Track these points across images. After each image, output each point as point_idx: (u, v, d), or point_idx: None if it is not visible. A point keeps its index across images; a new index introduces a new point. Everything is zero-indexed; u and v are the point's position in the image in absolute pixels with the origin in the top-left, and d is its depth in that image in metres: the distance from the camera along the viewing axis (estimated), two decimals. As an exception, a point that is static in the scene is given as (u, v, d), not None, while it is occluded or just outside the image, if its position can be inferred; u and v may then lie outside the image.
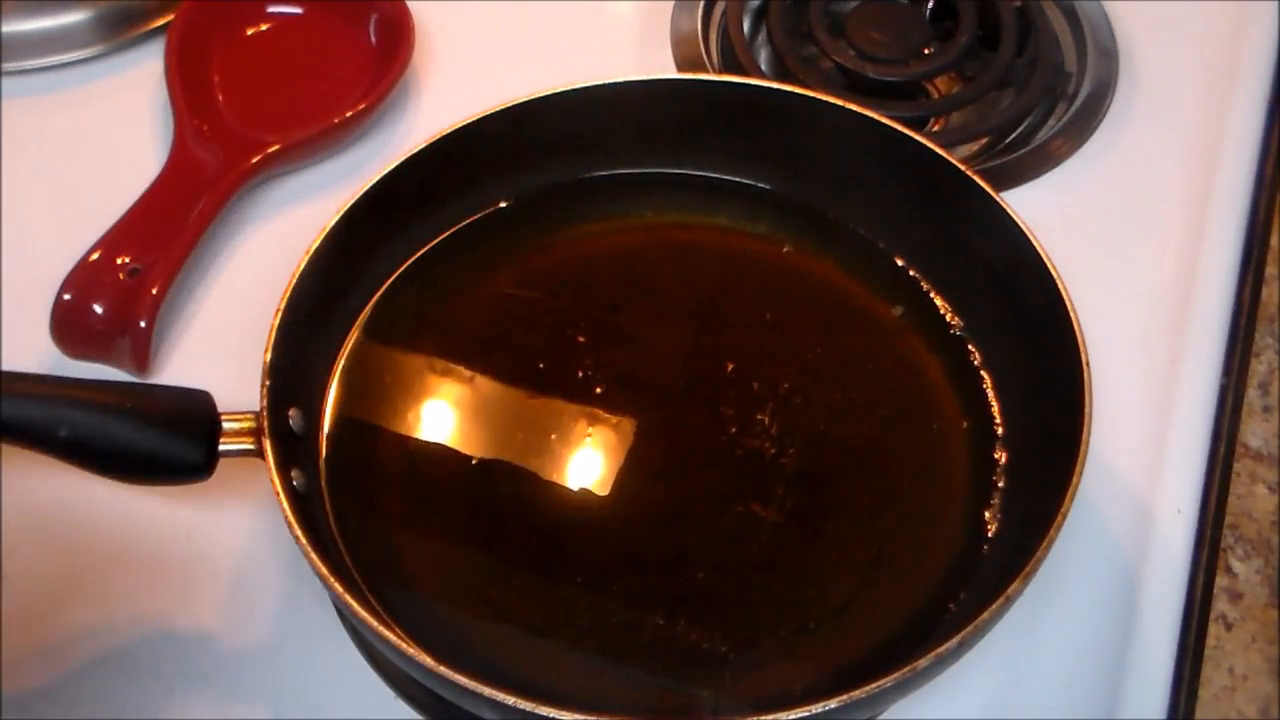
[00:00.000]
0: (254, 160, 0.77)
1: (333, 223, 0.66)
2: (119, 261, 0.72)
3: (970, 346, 0.70)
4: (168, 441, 0.60)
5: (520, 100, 0.69)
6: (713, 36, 0.87)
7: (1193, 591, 0.67)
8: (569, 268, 0.72)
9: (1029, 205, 0.79)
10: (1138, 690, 0.64)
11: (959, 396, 0.69)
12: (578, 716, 0.53)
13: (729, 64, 0.86)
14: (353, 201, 0.66)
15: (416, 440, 0.67)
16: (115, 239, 0.73)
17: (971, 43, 0.86)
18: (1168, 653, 0.65)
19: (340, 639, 0.64)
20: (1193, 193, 0.80)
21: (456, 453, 0.66)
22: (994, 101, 0.87)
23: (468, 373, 0.69)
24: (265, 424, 0.60)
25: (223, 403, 0.62)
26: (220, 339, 0.74)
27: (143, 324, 0.71)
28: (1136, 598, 0.67)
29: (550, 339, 0.70)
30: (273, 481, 0.58)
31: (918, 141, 0.70)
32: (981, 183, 0.68)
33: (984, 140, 0.86)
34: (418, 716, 0.63)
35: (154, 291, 0.72)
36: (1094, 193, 0.81)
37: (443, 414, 0.67)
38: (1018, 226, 0.67)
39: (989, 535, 0.65)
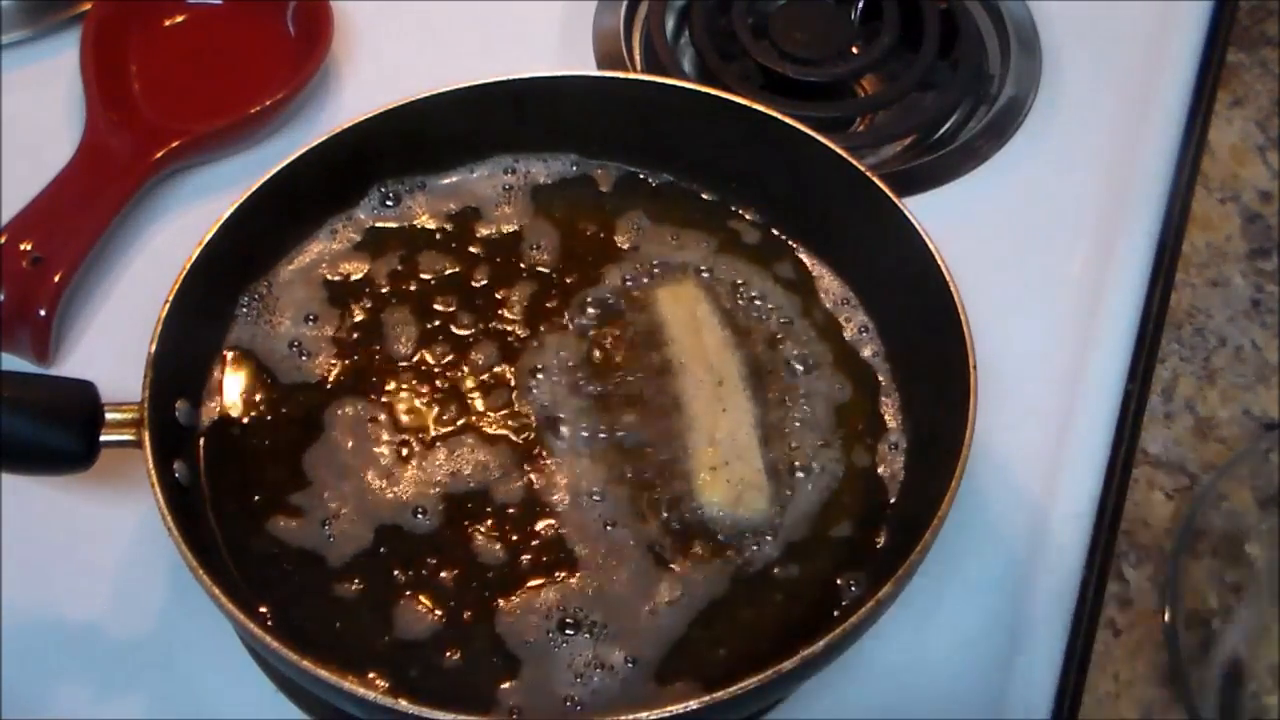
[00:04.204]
0: (165, 150, 0.77)
1: (226, 215, 0.66)
2: (22, 248, 0.72)
3: (873, 342, 0.70)
4: (47, 431, 0.60)
5: (416, 97, 0.69)
6: (635, 35, 0.87)
7: (1083, 597, 0.67)
8: (457, 255, 0.72)
9: (946, 206, 0.80)
10: (1024, 692, 0.65)
11: (858, 391, 0.69)
12: (440, 714, 0.53)
13: (651, 63, 0.86)
14: (246, 196, 0.67)
15: (302, 433, 0.66)
16: (19, 226, 0.73)
17: (894, 44, 0.86)
18: (1055, 657, 0.65)
19: (225, 632, 0.64)
20: (1108, 196, 0.80)
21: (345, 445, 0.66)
22: (918, 102, 0.87)
23: (358, 364, 0.68)
24: (145, 415, 0.60)
25: (125, 394, 0.62)
26: (125, 329, 0.74)
27: (42, 313, 0.71)
28: (1027, 601, 0.67)
29: (436, 323, 0.70)
30: (149, 473, 0.58)
31: (820, 141, 0.70)
32: (881, 184, 0.68)
33: (909, 140, 0.86)
34: (298, 712, 0.63)
35: (56, 280, 0.72)
36: (1010, 194, 0.81)
37: (331, 406, 0.67)
38: (915, 228, 0.66)
39: (879, 538, 0.65)
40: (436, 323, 0.70)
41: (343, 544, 0.63)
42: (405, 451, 0.66)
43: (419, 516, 0.64)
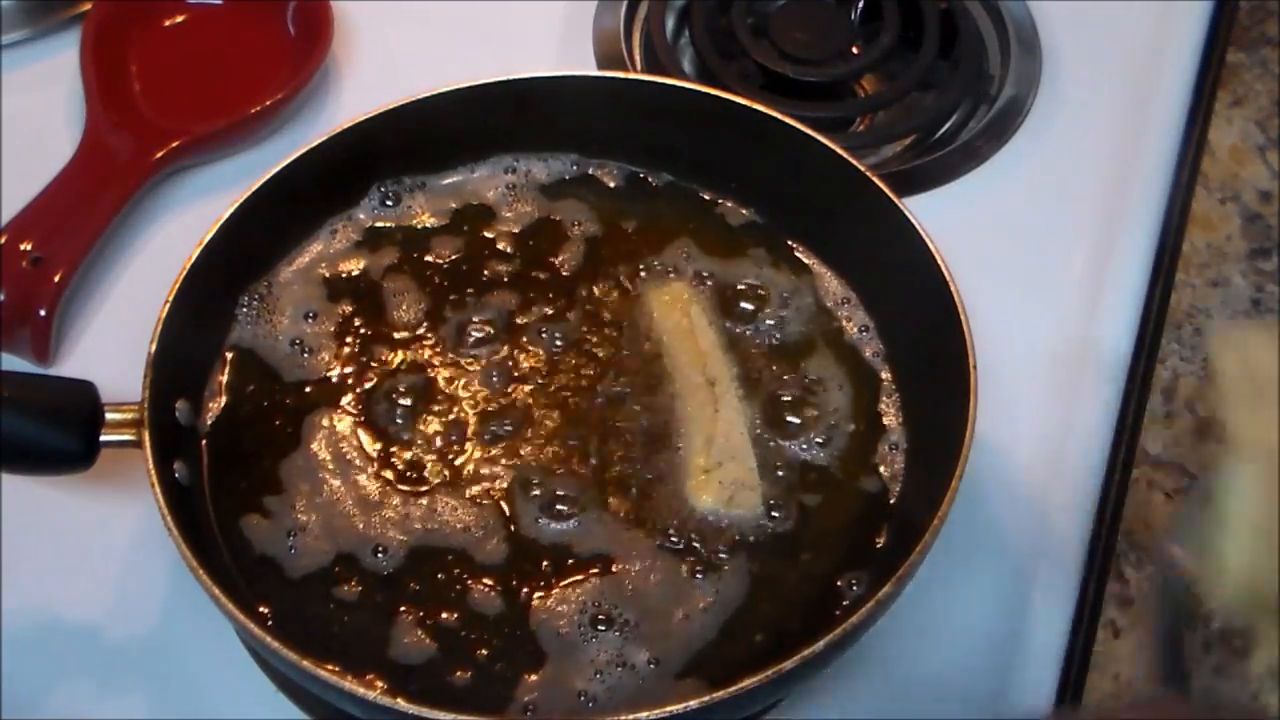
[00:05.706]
0: (165, 150, 0.78)
1: (226, 215, 0.66)
2: (22, 248, 0.72)
3: (873, 342, 0.70)
4: (47, 431, 0.60)
5: (416, 97, 0.69)
6: (635, 35, 0.87)
7: (1083, 597, 0.67)
8: (461, 252, 0.72)
9: (945, 206, 0.80)
10: (1024, 692, 0.65)
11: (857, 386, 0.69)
12: (439, 714, 0.53)
13: (651, 63, 0.86)
14: (246, 196, 0.67)
15: (303, 432, 0.66)
16: (18, 226, 0.73)
17: (894, 44, 0.86)
18: (1055, 657, 0.65)
19: (225, 632, 0.64)
20: (1108, 196, 0.80)
21: (346, 446, 0.66)
22: (918, 102, 0.87)
23: (358, 362, 0.68)
24: (145, 415, 0.60)
25: (125, 394, 0.62)
26: (126, 330, 0.73)
27: (42, 313, 0.71)
28: (1027, 601, 0.67)
29: (438, 325, 0.70)
30: (149, 473, 0.58)
31: (820, 141, 0.70)
32: (881, 184, 0.68)
33: (909, 140, 0.86)
34: (298, 712, 0.63)
35: (56, 280, 0.72)
36: (1010, 194, 0.81)
37: (331, 405, 0.67)
38: (915, 228, 0.66)
39: (879, 538, 0.65)
40: (435, 317, 0.70)
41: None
42: (406, 448, 0.66)
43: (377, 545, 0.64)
